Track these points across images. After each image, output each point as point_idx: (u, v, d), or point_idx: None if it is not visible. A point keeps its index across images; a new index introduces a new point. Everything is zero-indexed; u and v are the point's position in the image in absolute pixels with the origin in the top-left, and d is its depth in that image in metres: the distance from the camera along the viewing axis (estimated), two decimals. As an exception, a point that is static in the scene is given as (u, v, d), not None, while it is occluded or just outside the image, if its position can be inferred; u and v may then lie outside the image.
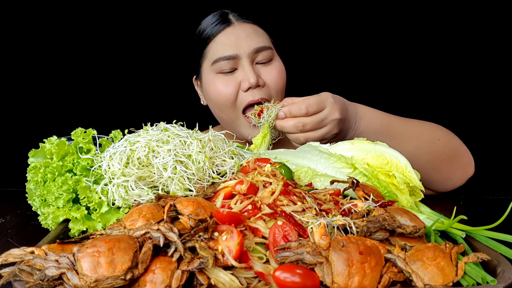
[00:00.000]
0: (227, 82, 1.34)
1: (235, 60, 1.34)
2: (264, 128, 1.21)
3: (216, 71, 1.36)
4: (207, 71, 1.39)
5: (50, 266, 0.62)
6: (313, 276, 0.65)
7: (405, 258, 0.68)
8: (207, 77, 1.39)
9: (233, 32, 1.36)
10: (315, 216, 0.75)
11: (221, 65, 1.34)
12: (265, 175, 0.85)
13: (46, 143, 0.95)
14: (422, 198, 1.00)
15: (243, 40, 1.34)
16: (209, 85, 1.38)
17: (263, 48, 1.36)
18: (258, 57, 1.36)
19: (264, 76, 1.36)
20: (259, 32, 1.39)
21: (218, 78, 1.36)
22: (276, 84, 1.37)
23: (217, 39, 1.36)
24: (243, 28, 1.37)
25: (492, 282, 0.66)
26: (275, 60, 1.40)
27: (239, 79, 1.34)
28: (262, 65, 1.37)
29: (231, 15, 1.39)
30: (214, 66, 1.35)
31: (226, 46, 1.34)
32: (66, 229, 0.86)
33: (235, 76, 1.35)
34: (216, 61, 1.34)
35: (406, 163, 0.98)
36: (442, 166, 1.26)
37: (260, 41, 1.37)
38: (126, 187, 0.84)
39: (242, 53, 1.33)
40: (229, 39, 1.35)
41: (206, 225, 0.69)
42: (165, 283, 0.62)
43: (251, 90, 1.33)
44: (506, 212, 0.77)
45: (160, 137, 0.90)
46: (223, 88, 1.34)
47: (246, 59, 1.33)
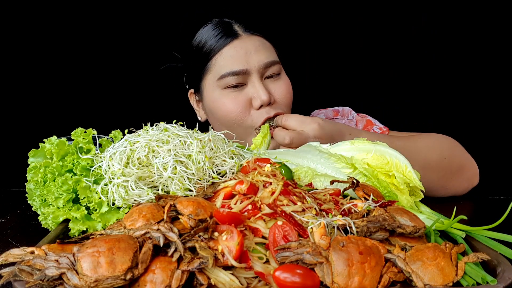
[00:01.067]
0: (236, 99, 1.27)
1: (244, 75, 1.26)
2: (264, 128, 1.21)
3: (223, 87, 1.28)
4: (211, 86, 1.31)
5: (50, 266, 0.62)
6: (313, 276, 0.65)
7: (405, 258, 0.68)
8: (212, 94, 1.31)
9: (241, 45, 1.28)
10: (315, 216, 0.75)
11: (229, 81, 1.26)
12: (265, 175, 0.85)
13: (46, 143, 0.94)
14: (422, 198, 1.00)
15: (252, 55, 1.27)
16: (216, 103, 1.30)
17: (273, 63, 1.30)
18: (267, 72, 1.29)
19: (273, 92, 1.30)
20: (267, 45, 1.33)
21: (226, 95, 1.28)
22: (285, 100, 1.32)
23: (223, 52, 1.28)
24: (252, 41, 1.30)
25: (492, 282, 0.66)
26: (283, 75, 1.36)
27: (249, 95, 1.27)
28: (271, 79, 1.31)
29: (236, 26, 1.31)
30: (221, 82, 1.27)
31: (235, 60, 1.26)
32: (66, 229, 0.86)
33: (244, 92, 1.28)
34: (223, 76, 1.26)
35: (406, 163, 0.98)
36: (449, 182, 1.24)
37: (269, 55, 1.31)
38: (126, 187, 0.84)
39: (252, 68, 1.26)
40: (237, 52, 1.27)
41: (206, 225, 0.69)
42: (165, 283, 0.62)
43: (263, 108, 1.27)
44: (506, 212, 0.77)
45: (160, 137, 0.90)
46: (233, 106, 1.27)
47: (256, 75, 1.27)
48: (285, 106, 1.32)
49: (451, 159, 1.24)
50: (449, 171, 1.24)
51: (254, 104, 1.26)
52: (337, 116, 1.55)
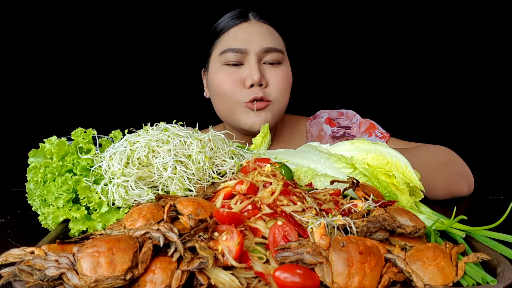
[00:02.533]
0: (231, 75, 1.35)
1: (243, 54, 1.34)
2: (264, 128, 1.21)
3: (223, 62, 1.36)
4: (214, 60, 1.40)
5: (50, 266, 0.62)
6: (313, 276, 0.65)
7: (405, 258, 0.68)
8: (213, 67, 1.40)
9: (248, 28, 1.37)
10: (315, 216, 0.75)
11: (228, 57, 1.35)
12: (265, 175, 0.85)
13: (46, 143, 0.94)
14: (422, 198, 1.00)
15: (255, 37, 1.35)
16: (213, 74, 1.39)
17: (273, 50, 1.36)
18: (266, 57, 1.36)
19: (268, 77, 1.35)
20: (273, 34, 1.39)
21: (223, 69, 1.36)
22: (279, 88, 1.36)
23: (230, 32, 1.37)
24: (259, 27, 1.38)
25: (492, 282, 0.66)
26: (284, 65, 1.40)
27: (243, 75, 1.34)
28: (270, 66, 1.37)
29: (250, 14, 1.41)
30: (222, 57, 1.36)
31: (238, 39, 1.35)
32: (66, 229, 0.86)
33: (240, 70, 1.35)
34: (224, 51, 1.35)
35: (406, 163, 0.98)
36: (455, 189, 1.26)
37: (272, 42, 1.37)
38: (126, 187, 0.84)
39: (251, 49, 1.34)
40: (242, 33, 1.36)
41: (206, 225, 0.69)
42: (165, 283, 0.62)
43: (254, 88, 1.33)
44: (506, 212, 0.77)
45: (160, 137, 0.90)
46: (227, 81, 1.35)
47: (253, 56, 1.34)
48: (276, 95, 1.36)
49: (451, 165, 1.27)
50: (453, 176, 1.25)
51: (246, 83, 1.33)
52: (341, 117, 1.55)
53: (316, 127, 1.55)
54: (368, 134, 1.47)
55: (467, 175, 1.30)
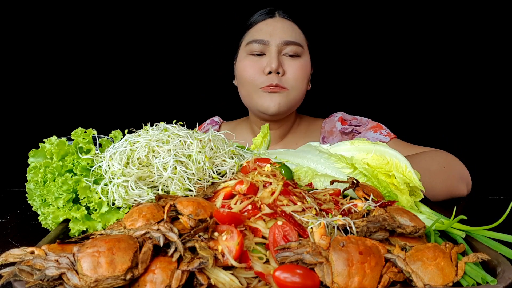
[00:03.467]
0: (254, 63, 1.50)
1: (265, 45, 1.49)
2: (264, 128, 1.21)
3: (248, 52, 1.52)
4: (242, 50, 1.57)
5: (50, 266, 0.62)
6: (313, 276, 0.65)
7: (405, 258, 0.68)
8: (240, 56, 1.57)
9: (273, 23, 1.52)
10: (315, 216, 0.75)
11: (252, 47, 1.50)
12: (265, 175, 0.85)
13: (46, 143, 0.94)
14: (422, 198, 1.00)
15: (278, 31, 1.50)
16: (240, 62, 1.56)
17: (293, 43, 1.49)
18: (286, 49, 1.49)
19: (285, 67, 1.49)
20: (295, 29, 1.54)
21: (247, 58, 1.52)
22: (295, 78, 1.50)
23: (257, 25, 1.54)
24: (282, 23, 1.53)
25: (492, 282, 0.66)
26: (302, 58, 1.53)
27: (264, 64, 1.48)
28: (289, 57, 1.50)
29: (277, 11, 1.56)
30: (247, 47, 1.52)
31: (262, 32, 1.51)
32: (66, 229, 0.86)
33: (262, 60, 1.50)
34: (249, 42, 1.51)
35: (406, 163, 0.98)
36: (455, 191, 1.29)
37: (293, 36, 1.51)
38: (126, 187, 0.84)
39: (272, 41, 1.48)
40: (266, 27, 1.52)
41: (206, 225, 0.69)
42: (165, 283, 0.62)
43: (271, 75, 1.47)
44: (506, 212, 0.77)
45: (160, 137, 0.90)
46: (249, 67, 1.50)
47: (274, 47, 1.48)
48: (292, 85, 1.50)
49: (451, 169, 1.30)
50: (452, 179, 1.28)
51: (265, 70, 1.47)
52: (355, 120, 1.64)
53: (329, 123, 1.67)
54: (374, 130, 1.57)
55: (466, 177, 1.34)
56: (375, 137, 1.55)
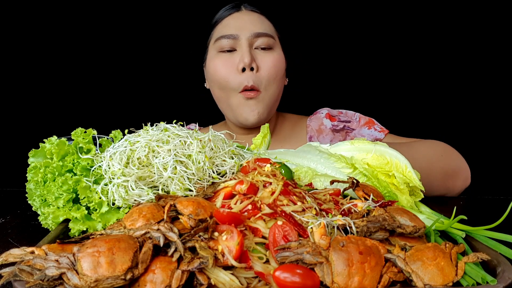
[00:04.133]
0: (225, 61, 1.42)
1: (235, 40, 1.42)
2: (264, 128, 1.21)
3: (217, 50, 1.45)
4: (210, 49, 1.49)
5: (50, 266, 0.62)
6: (313, 276, 0.65)
7: (405, 258, 0.68)
8: (209, 55, 1.49)
9: (240, 16, 1.47)
10: (315, 216, 0.75)
11: (222, 43, 1.43)
12: (265, 175, 0.85)
13: (46, 143, 0.94)
14: (422, 198, 1.00)
15: (247, 24, 1.44)
16: (210, 62, 1.47)
17: (263, 34, 1.43)
18: (257, 41, 1.43)
19: (259, 61, 1.42)
20: (264, 21, 1.48)
21: (218, 56, 1.44)
22: (269, 72, 1.42)
23: (224, 21, 1.47)
24: (250, 15, 1.47)
25: (492, 282, 0.66)
26: (275, 50, 1.47)
27: (236, 60, 1.41)
28: (261, 51, 1.44)
29: (242, 5, 1.51)
30: (216, 44, 1.45)
31: (230, 27, 1.44)
32: (66, 229, 0.86)
33: (233, 56, 1.42)
34: (218, 39, 1.44)
35: (406, 163, 0.98)
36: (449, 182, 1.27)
37: (262, 28, 1.45)
38: (126, 187, 0.84)
39: (242, 35, 1.42)
40: (234, 22, 1.45)
41: (206, 225, 0.69)
42: (165, 283, 0.62)
43: (246, 73, 1.39)
44: (506, 212, 0.77)
45: (160, 137, 0.90)
46: (221, 67, 1.42)
47: (245, 41, 1.41)
48: (267, 79, 1.43)
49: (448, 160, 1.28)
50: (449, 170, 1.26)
51: (238, 66, 1.40)
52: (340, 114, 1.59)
53: (316, 121, 1.60)
54: (368, 127, 1.52)
55: (464, 168, 1.31)
56: (370, 133, 1.50)
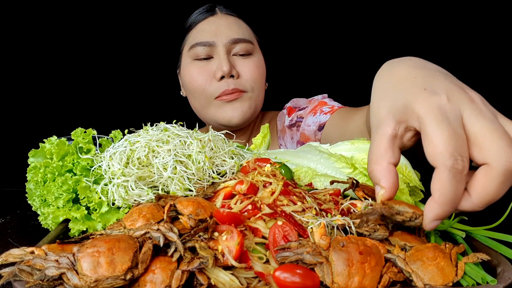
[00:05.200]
0: (201, 69, 1.34)
1: (211, 47, 1.33)
2: (264, 128, 1.21)
3: (193, 57, 1.36)
4: (185, 57, 1.40)
5: (50, 266, 0.62)
6: (313, 276, 0.65)
7: (405, 258, 0.68)
8: (184, 63, 1.41)
9: (215, 21, 1.37)
10: (315, 216, 0.75)
11: (197, 51, 1.34)
12: (265, 175, 0.85)
13: (46, 143, 0.94)
14: (422, 198, 1.00)
15: (223, 29, 1.34)
16: (185, 71, 1.39)
17: (242, 40, 1.34)
18: (235, 48, 1.34)
19: (239, 68, 1.33)
20: (241, 25, 1.39)
21: (193, 65, 1.36)
22: (251, 77, 1.34)
23: (198, 26, 1.37)
24: (226, 19, 1.38)
25: (492, 282, 0.66)
26: (254, 55, 1.38)
27: (213, 68, 1.32)
28: (240, 57, 1.35)
29: (217, 8, 1.41)
30: (191, 52, 1.36)
31: (205, 33, 1.35)
32: (66, 229, 0.86)
33: (210, 64, 1.34)
34: (193, 46, 1.35)
35: (406, 163, 0.98)
36: None
37: (240, 33, 1.36)
38: (126, 187, 0.84)
39: (219, 41, 1.33)
40: (209, 27, 1.36)
41: (206, 225, 0.69)
42: (165, 283, 0.62)
43: (225, 80, 1.31)
44: (506, 212, 0.77)
45: (160, 137, 0.90)
46: (197, 75, 1.34)
47: (222, 48, 1.33)
48: (250, 85, 1.34)
49: None
50: None
51: (216, 75, 1.31)
52: (308, 104, 1.48)
53: (280, 120, 1.52)
54: (313, 113, 1.38)
55: None
56: (315, 121, 1.35)
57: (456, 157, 0.50)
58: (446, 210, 0.53)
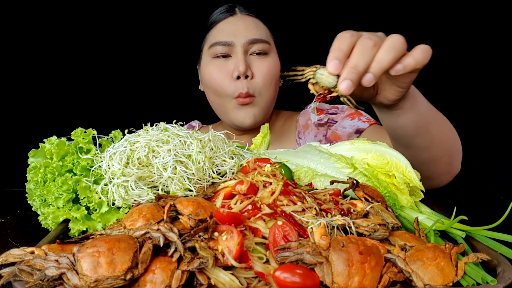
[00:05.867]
0: (220, 67, 1.41)
1: (230, 47, 1.40)
2: (264, 128, 1.21)
3: (212, 56, 1.43)
4: (205, 54, 1.47)
5: (50, 266, 0.62)
6: (313, 276, 0.65)
7: (405, 258, 0.68)
8: (204, 60, 1.48)
9: (234, 21, 1.44)
10: (315, 216, 0.75)
11: (217, 50, 1.41)
12: (265, 175, 0.85)
13: (46, 143, 0.94)
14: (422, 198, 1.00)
15: (241, 30, 1.41)
16: (204, 68, 1.46)
17: (259, 41, 1.41)
18: (253, 47, 1.41)
19: (254, 68, 1.40)
20: (259, 25, 1.45)
21: (213, 63, 1.43)
22: (264, 78, 1.41)
23: (218, 26, 1.44)
24: (244, 20, 1.44)
25: (492, 282, 0.66)
26: (270, 56, 1.44)
27: (231, 67, 1.39)
28: (257, 56, 1.42)
29: (237, 8, 1.47)
30: (211, 50, 1.42)
31: (225, 33, 1.41)
32: (66, 229, 0.86)
33: (228, 62, 1.41)
34: (213, 45, 1.42)
35: (406, 163, 0.98)
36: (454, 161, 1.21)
37: (258, 33, 1.42)
38: (126, 187, 0.84)
39: (237, 41, 1.39)
40: (229, 27, 1.42)
41: (206, 225, 0.69)
42: (165, 283, 0.62)
43: (240, 80, 1.38)
44: (506, 212, 0.77)
45: (160, 137, 0.90)
46: (216, 73, 1.41)
47: (240, 48, 1.39)
48: (262, 85, 1.41)
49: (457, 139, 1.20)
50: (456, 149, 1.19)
51: (233, 74, 1.38)
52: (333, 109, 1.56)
53: (304, 116, 1.58)
54: (351, 118, 1.48)
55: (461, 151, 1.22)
56: (352, 124, 1.45)
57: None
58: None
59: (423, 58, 0.80)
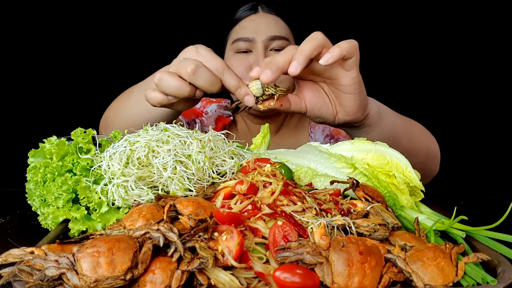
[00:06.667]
0: (241, 61, 1.49)
1: (251, 43, 1.49)
2: (264, 128, 1.21)
3: (235, 50, 1.52)
4: (228, 49, 1.58)
5: (50, 266, 0.62)
6: (313, 276, 0.65)
7: (405, 258, 0.68)
8: (227, 54, 1.58)
9: (256, 19, 1.53)
10: (315, 216, 0.75)
11: (239, 45, 1.50)
12: (265, 175, 0.85)
13: (46, 143, 0.94)
14: (422, 198, 1.00)
15: (262, 27, 1.50)
16: (226, 61, 1.54)
17: (279, 37, 1.49)
18: (273, 44, 1.49)
19: None
20: (280, 23, 1.54)
21: (234, 57, 1.52)
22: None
23: (241, 23, 1.54)
24: (266, 18, 1.54)
25: (492, 282, 0.66)
26: None
27: (251, 61, 1.48)
28: (276, 52, 1.47)
29: (259, 6, 1.57)
30: (233, 45, 1.52)
31: (247, 29, 1.51)
32: (66, 229, 0.86)
33: (249, 57, 1.50)
34: (235, 41, 1.51)
35: (406, 163, 0.98)
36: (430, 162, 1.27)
37: (278, 31, 1.51)
38: (126, 187, 0.84)
39: (258, 38, 1.48)
40: (251, 24, 1.52)
41: (206, 225, 0.69)
42: (165, 283, 0.62)
43: None
44: (506, 212, 0.77)
45: (160, 137, 0.90)
46: (236, 66, 1.49)
47: (261, 44, 1.47)
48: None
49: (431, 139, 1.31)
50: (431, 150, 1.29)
51: (253, 67, 1.42)
52: None
53: None
54: None
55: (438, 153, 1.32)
56: None
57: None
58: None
59: (347, 47, 0.90)
